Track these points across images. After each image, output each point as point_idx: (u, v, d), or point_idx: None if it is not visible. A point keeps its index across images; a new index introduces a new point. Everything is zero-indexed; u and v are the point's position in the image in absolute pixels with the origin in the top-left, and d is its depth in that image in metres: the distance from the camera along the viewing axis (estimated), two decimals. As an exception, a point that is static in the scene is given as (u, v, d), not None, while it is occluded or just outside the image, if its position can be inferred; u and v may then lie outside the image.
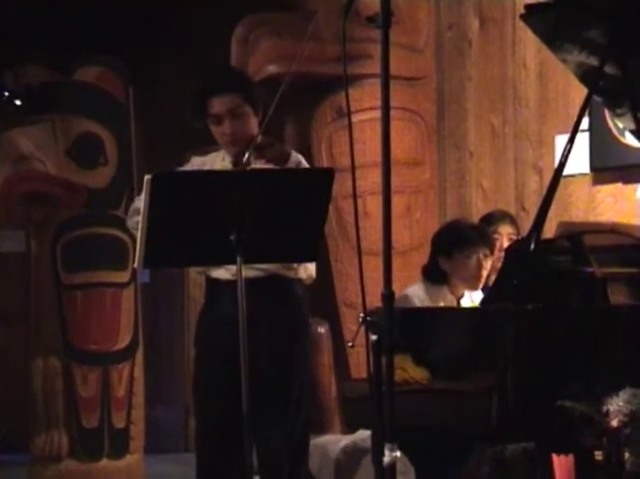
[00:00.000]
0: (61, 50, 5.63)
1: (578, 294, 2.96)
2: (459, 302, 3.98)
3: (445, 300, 3.96)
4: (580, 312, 2.89)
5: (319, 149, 5.28)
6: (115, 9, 6.35)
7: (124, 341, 5.59)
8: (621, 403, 2.62)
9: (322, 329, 5.23)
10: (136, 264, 2.94)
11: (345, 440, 4.94)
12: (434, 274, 3.95)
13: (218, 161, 3.52)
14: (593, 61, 2.73)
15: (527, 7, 2.82)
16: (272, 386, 3.36)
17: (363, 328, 2.39)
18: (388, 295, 2.16)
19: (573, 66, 2.92)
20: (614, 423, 2.60)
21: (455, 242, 3.93)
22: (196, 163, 3.56)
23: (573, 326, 2.82)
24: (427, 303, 3.89)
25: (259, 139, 3.39)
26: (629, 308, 2.97)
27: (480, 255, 3.93)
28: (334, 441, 5.02)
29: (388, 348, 2.13)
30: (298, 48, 5.25)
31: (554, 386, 2.74)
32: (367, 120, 4.94)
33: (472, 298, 4.03)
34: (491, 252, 4.00)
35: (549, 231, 3.22)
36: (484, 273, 3.96)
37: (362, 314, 2.37)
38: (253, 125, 3.43)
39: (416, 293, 3.92)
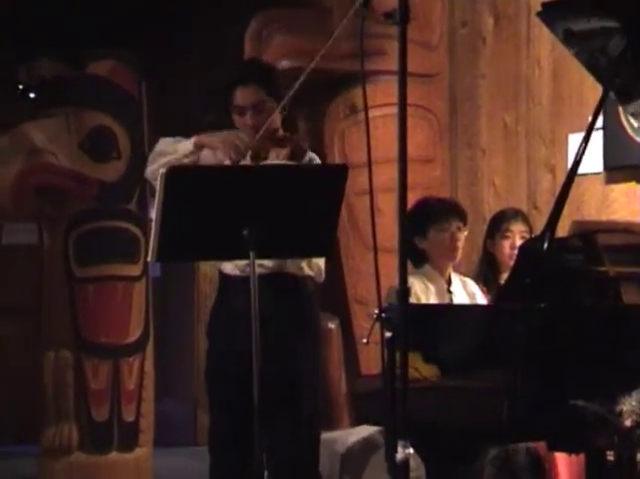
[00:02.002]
0: (74, 44, 5.64)
1: (591, 293, 2.96)
2: (448, 283, 4.00)
3: (433, 281, 3.98)
4: (593, 311, 2.89)
5: (331, 145, 5.28)
6: (128, 3, 6.36)
7: (134, 335, 5.61)
8: (634, 403, 2.62)
9: (332, 325, 5.24)
10: (149, 258, 2.94)
11: (353, 436, 4.94)
12: (413, 257, 3.97)
13: None
14: (610, 58, 2.73)
15: (544, 4, 2.81)
16: (283, 383, 3.37)
17: (375, 325, 2.39)
18: (403, 292, 2.16)
19: (589, 64, 2.91)
20: (627, 423, 2.60)
21: (427, 219, 3.96)
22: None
23: (586, 325, 2.81)
24: (417, 290, 3.91)
25: (280, 133, 3.41)
26: (642, 308, 2.97)
27: (454, 228, 3.97)
28: (343, 437, 5.03)
29: (402, 345, 2.13)
30: (311, 44, 5.29)
31: (566, 386, 2.74)
32: (379, 116, 4.93)
33: (465, 287, 4.03)
34: (464, 224, 4.04)
35: (562, 229, 3.22)
36: (460, 245, 4.00)
37: (376, 311, 2.37)
38: (275, 119, 3.44)
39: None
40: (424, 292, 3.96)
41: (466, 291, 4.07)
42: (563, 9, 2.79)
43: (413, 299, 3.85)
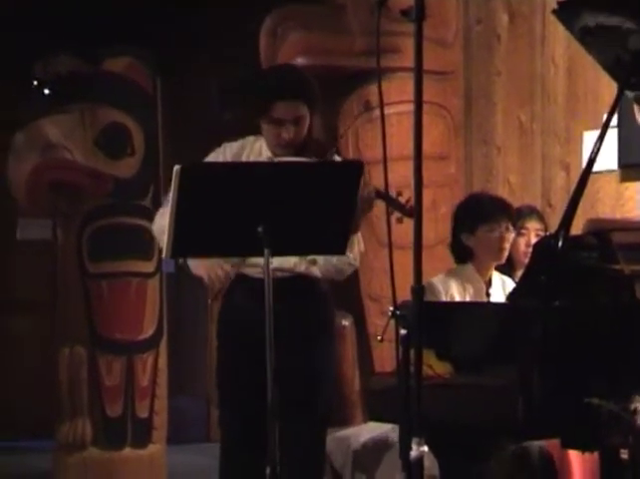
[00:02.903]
0: (90, 40, 5.65)
1: (606, 292, 2.95)
2: (488, 285, 3.97)
3: (472, 283, 3.95)
4: (608, 310, 2.88)
5: (346, 142, 5.28)
6: (144, 0, 6.36)
7: (148, 331, 5.62)
8: (649, 402, 2.61)
9: (346, 322, 5.23)
10: (163, 254, 2.95)
11: (366, 433, 4.94)
12: (458, 253, 3.96)
13: (255, 152, 3.49)
14: (626, 57, 2.72)
15: (560, 2, 2.80)
16: (297, 381, 3.37)
17: (390, 322, 2.39)
18: (418, 290, 2.16)
19: (605, 62, 2.90)
20: (642, 422, 2.59)
21: (477, 217, 3.93)
22: (233, 148, 3.52)
23: (601, 324, 2.81)
24: (453, 291, 3.89)
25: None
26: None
27: (503, 228, 3.94)
28: (356, 434, 5.03)
29: (417, 343, 2.13)
30: (326, 41, 5.29)
31: (581, 384, 2.73)
32: (394, 113, 4.93)
33: (504, 287, 4.01)
34: (513, 225, 4.01)
35: (576, 227, 3.21)
36: (508, 246, 3.96)
37: (391, 308, 2.37)
38: (307, 129, 3.43)
39: (439, 281, 3.92)
40: (460, 294, 3.93)
41: (504, 292, 4.03)
42: (579, 7, 2.78)
43: (447, 300, 3.87)
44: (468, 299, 3.93)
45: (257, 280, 3.16)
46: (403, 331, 2.25)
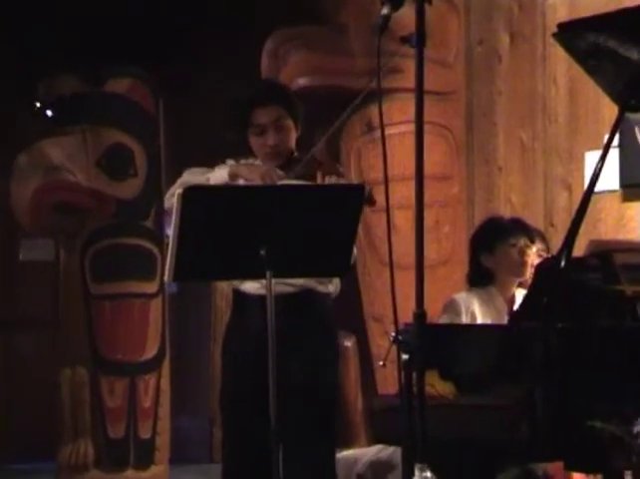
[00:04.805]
0: (92, 61, 5.67)
1: (608, 313, 2.94)
2: (511, 305, 3.96)
3: (494, 304, 3.94)
4: (610, 331, 2.88)
5: (348, 162, 5.29)
6: (146, 21, 6.39)
7: (151, 352, 5.61)
8: (652, 424, 2.60)
9: (349, 343, 5.23)
10: (165, 278, 2.95)
11: (369, 454, 4.93)
12: (478, 276, 3.95)
13: None
14: (625, 80, 2.73)
15: (560, 25, 2.81)
16: (301, 402, 3.36)
17: (393, 346, 2.39)
18: (420, 316, 2.16)
19: (605, 84, 2.91)
20: (645, 444, 2.58)
21: (495, 236, 3.94)
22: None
23: (603, 346, 2.80)
24: (475, 308, 3.89)
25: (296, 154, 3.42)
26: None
27: (522, 244, 3.94)
28: (359, 455, 5.01)
29: (419, 370, 2.13)
30: (328, 61, 5.31)
31: (584, 406, 2.72)
32: (396, 134, 4.94)
33: None
34: (532, 242, 4.00)
35: (578, 247, 3.21)
36: (529, 261, 3.96)
37: (393, 333, 2.36)
38: (294, 139, 3.46)
39: (462, 298, 3.92)
40: (482, 313, 3.93)
41: None
42: (579, 29, 2.79)
43: (467, 317, 3.88)
44: (489, 319, 3.92)
45: (261, 298, 3.16)
46: (405, 357, 2.25)
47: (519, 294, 4.00)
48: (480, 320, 3.92)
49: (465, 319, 3.92)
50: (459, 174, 5.43)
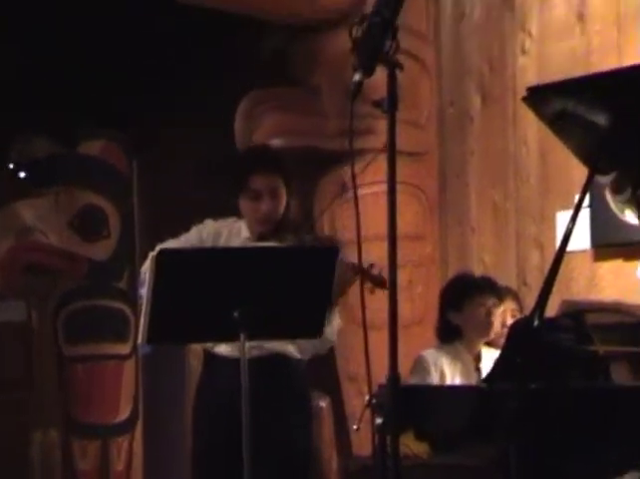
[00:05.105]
0: (65, 123, 5.69)
1: (581, 373, 2.95)
2: (477, 360, 3.98)
3: (462, 360, 3.96)
4: (583, 392, 2.88)
5: (322, 222, 5.31)
6: (118, 82, 6.42)
7: (124, 414, 5.56)
8: (627, 485, 2.60)
9: (323, 403, 5.21)
10: (139, 340, 2.94)
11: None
12: (446, 332, 3.97)
13: (235, 232, 3.54)
14: (594, 143, 2.77)
15: (529, 88, 2.85)
16: (274, 468, 3.34)
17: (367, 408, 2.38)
18: (393, 379, 2.16)
19: (574, 147, 2.95)
20: (620, 505, 2.58)
21: (463, 294, 3.96)
22: (210, 230, 3.57)
23: (576, 406, 2.81)
24: (443, 364, 3.90)
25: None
26: (632, 388, 2.96)
27: (490, 304, 3.96)
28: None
29: (393, 432, 2.12)
30: (302, 122, 5.35)
31: (557, 466, 2.72)
32: (369, 194, 4.96)
33: (493, 356, 4.01)
34: (500, 301, 4.03)
35: (551, 307, 3.23)
36: (495, 321, 3.98)
37: (367, 396, 2.36)
38: (284, 206, 3.49)
39: (430, 354, 3.93)
40: (450, 369, 3.94)
41: None
42: (547, 93, 2.83)
43: (437, 375, 3.89)
44: (457, 375, 3.94)
45: (233, 361, 3.14)
46: (379, 420, 2.24)
47: (485, 352, 4.02)
48: (448, 377, 3.94)
49: (434, 376, 3.93)
50: (432, 234, 5.45)
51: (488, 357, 4.04)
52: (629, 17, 4.72)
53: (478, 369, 3.98)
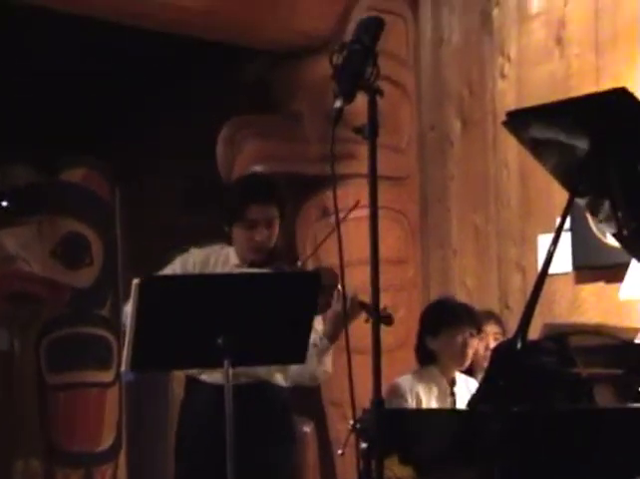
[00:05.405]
0: (47, 151, 5.68)
1: (564, 396, 2.96)
2: (452, 385, 3.99)
3: (437, 384, 3.97)
4: (567, 414, 2.89)
5: (304, 248, 5.31)
6: (101, 110, 6.43)
7: (107, 442, 5.54)
8: (611, 508, 2.61)
9: (307, 429, 5.20)
10: (122, 368, 2.94)
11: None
12: (422, 355, 3.98)
13: (222, 260, 3.55)
14: (574, 166, 2.79)
15: (509, 113, 2.88)
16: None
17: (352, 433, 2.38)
18: (377, 404, 2.16)
19: (554, 171, 2.97)
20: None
21: (442, 321, 3.98)
22: (197, 259, 3.57)
23: (560, 428, 2.82)
24: (419, 389, 3.90)
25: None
26: (615, 410, 2.97)
27: (467, 334, 3.97)
28: None
29: (378, 456, 2.13)
30: (283, 148, 5.37)
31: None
32: (351, 219, 4.97)
33: (467, 386, 4.03)
34: (478, 331, 4.04)
35: (534, 329, 3.24)
36: (471, 352, 3.99)
37: (351, 421, 2.36)
38: (276, 236, 3.50)
39: (405, 380, 3.94)
40: (426, 394, 3.95)
41: (468, 391, 4.05)
42: (527, 117, 2.85)
43: (413, 401, 3.89)
44: (433, 399, 3.94)
45: (218, 388, 3.14)
46: (363, 445, 2.24)
47: (459, 378, 4.04)
48: (424, 401, 3.94)
49: (410, 403, 3.94)
50: (414, 257, 5.47)
51: (462, 382, 4.06)
52: (607, 41, 4.77)
53: (452, 394, 4.00)
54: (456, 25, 5.41)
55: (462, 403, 3.95)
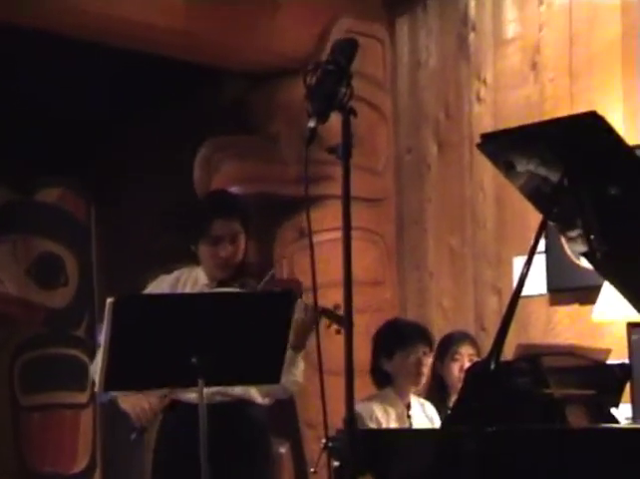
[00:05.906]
0: (22, 171, 5.67)
1: (538, 416, 2.97)
2: (408, 408, 4.01)
3: (393, 406, 3.98)
4: (539, 434, 2.90)
5: (281, 268, 5.31)
6: (76, 130, 6.43)
7: (82, 463, 5.51)
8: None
9: (283, 449, 5.19)
10: (96, 388, 2.93)
11: None
12: (378, 378, 4.00)
13: (191, 281, 3.55)
14: (547, 189, 2.81)
15: (483, 135, 2.90)
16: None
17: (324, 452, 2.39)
18: (349, 422, 2.16)
19: (528, 193, 2.99)
20: None
21: (395, 343, 3.99)
22: (165, 286, 3.57)
23: (533, 449, 2.82)
24: (377, 413, 3.91)
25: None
26: (587, 430, 2.98)
27: (420, 353, 3.99)
28: None
29: (351, 475, 2.13)
30: (260, 169, 5.38)
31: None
32: (328, 240, 4.99)
33: (424, 410, 4.04)
34: (431, 349, 4.07)
35: (508, 351, 3.26)
36: (426, 370, 4.02)
37: (324, 440, 2.36)
38: (243, 252, 3.51)
39: (365, 408, 3.94)
40: (384, 417, 3.96)
41: (425, 414, 4.08)
42: (501, 140, 2.87)
43: (373, 424, 3.90)
44: (391, 422, 3.95)
45: (193, 407, 3.14)
46: (336, 463, 2.24)
47: (414, 400, 4.06)
48: (383, 424, 3.95)
49: (371, 426, 3.95)
50: (390, 279, 5.48)
51: (419, 406, 4.08)
52: (581, 66, 4.82)
53: (409, 416, 4.02)
54: (433, 49, 5.45)
55: (417, 426, 3.97)
